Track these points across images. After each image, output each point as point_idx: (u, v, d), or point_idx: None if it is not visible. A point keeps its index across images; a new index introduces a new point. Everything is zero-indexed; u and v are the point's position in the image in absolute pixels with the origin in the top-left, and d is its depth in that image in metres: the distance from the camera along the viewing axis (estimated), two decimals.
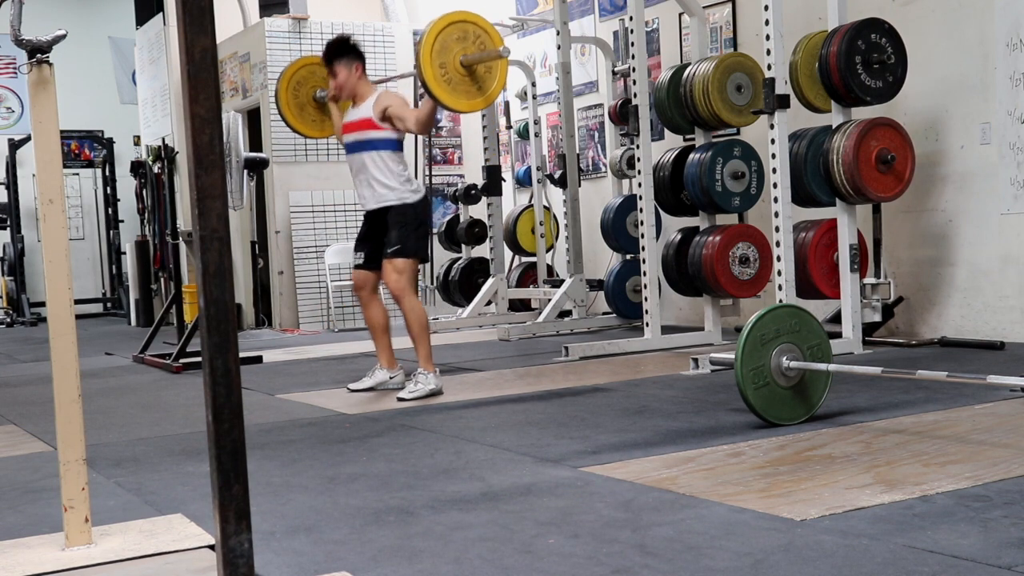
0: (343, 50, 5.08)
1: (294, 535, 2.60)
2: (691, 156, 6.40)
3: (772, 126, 5.46)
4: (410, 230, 5.00)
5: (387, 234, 5.00)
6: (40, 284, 12.09)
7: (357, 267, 5.22)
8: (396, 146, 5.07)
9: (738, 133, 7.01)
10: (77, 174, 14.36)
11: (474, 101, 4.92)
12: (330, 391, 5.31)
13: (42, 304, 12.03)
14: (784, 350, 3.67)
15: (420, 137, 9.81)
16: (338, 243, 9.60)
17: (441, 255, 9.64)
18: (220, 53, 10.21)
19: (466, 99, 4.84)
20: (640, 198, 6.38)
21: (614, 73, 7.88)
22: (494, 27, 5.00)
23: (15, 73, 14.35)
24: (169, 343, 7.71)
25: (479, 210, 9.09)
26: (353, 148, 5.09)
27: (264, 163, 7.50)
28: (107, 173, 13.95)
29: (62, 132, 5.23)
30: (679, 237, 6.64)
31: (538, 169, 8.63)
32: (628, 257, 7.65)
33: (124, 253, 13.28)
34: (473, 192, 8.92)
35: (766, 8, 5.41)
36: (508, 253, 8.93)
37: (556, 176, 8.22)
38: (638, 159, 6.38)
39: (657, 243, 6.60)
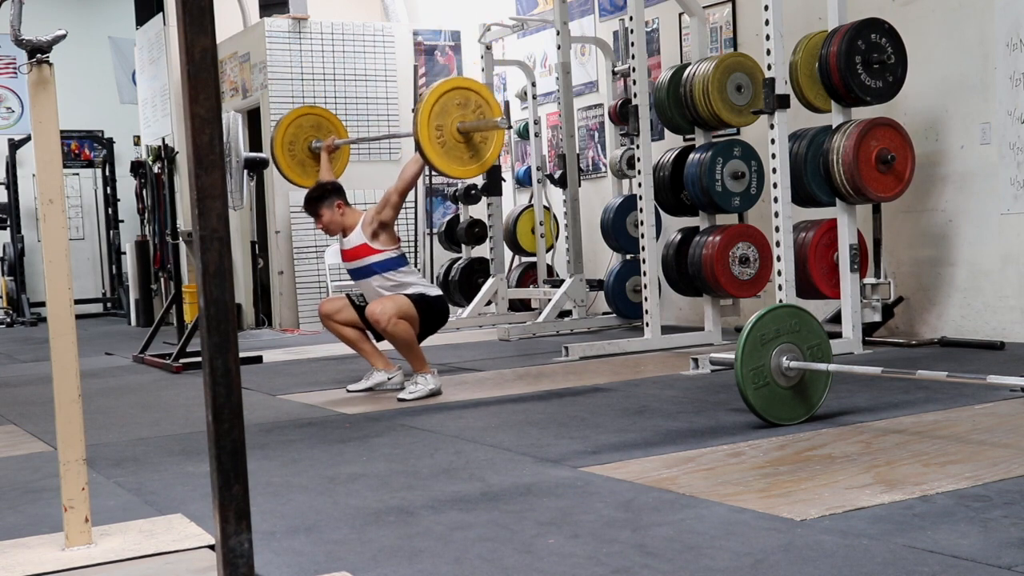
0: (320, 196, 5.15)
1: (294, 535, 2.60)
2: (691, 156, 6.40)
3: (772, 126, 5.46)
4: (426, 303, 4.99)
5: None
6: (40, 284, 12.10)
7: (350, 299, 5.19)
8: (400, 262, 5.09)
9: (738, 133, 7.01)
10: (77, 174, 14.36)
11: (467, 168, 4.95)
12: (330, 391, 5.31)
13: (42, 304, 12.03)
14: (784, 350, 3.67)
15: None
16: (338, 243, 9.59)
17: (441, 255, 9.64)
18: (220, 53, 10.21)
19: (459, 165, 4.86)
20: (640, 198, 6.38)
21: (614, 73, 7.88)
22: (496, 99, 5.05)
23: (15, 73, 14.35)
24: (169, 343, 7.71)
25: (479, 210, 9.09)
26: (358, 275, 5.13)
27: (264, 163, 7.49)
28: (107, 173, 13.95)
29: (62, 132, 5.24)
30: (679, 237, 6.64)
31: (538, 169, 8.64)
32: (628, 257, 7.65)
33: (124, 253, 13.28)
34: (473, 192, 8.92)
35: (766, 8, 5.41)
36: (508, 253, 8.93)
37: (556, 176, 8.22)
38: (638, 159, 6.38)
39: (657, 243, 6.60)
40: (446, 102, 4.79)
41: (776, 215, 5.48)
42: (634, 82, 6.40)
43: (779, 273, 5.49)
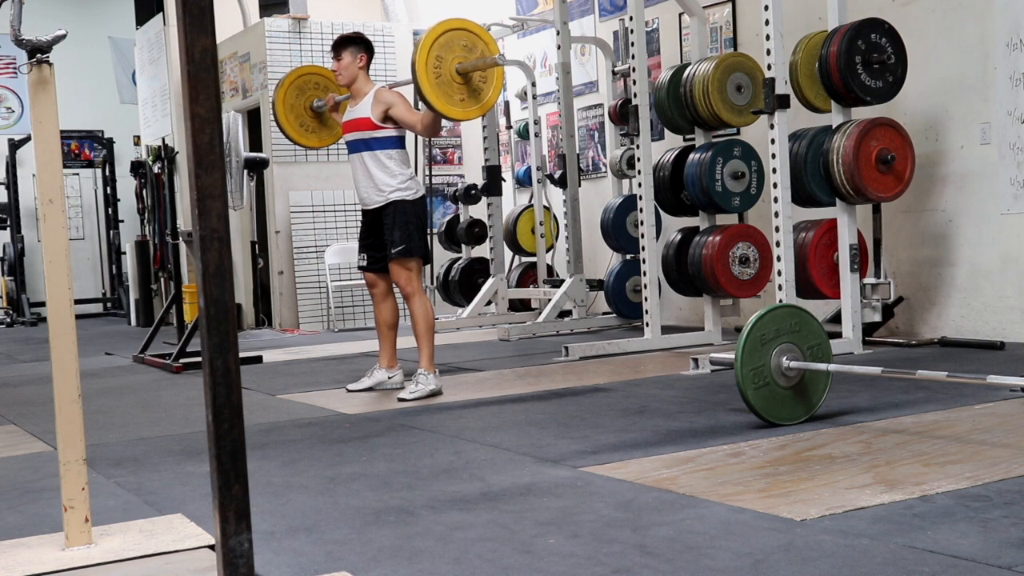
0: (350, 40, 5.13)
1: (294, 535, 2.60)
2: (691, 156, 6.40)
3: (772, 126, 5.46)
4: (412, 228, 5.00)
5: (388, 233, 5.00)
6: (40, 284, 12.09)
7: (362, 268, 5.24)
8: (397, 144, 5.06)
9: (738, 133, 7.01)
10: (77, 174, 14.36)
11: (469, 110, 4.91)
12: (330, 391, 5.31)
13: (42, 304, 12.03)
14: (784, 350, 3.67)
15: (420, 137, 9.81)
16: (338, 243, 9.60)
17: (441, 255, 9.63)
18: (220, 53, 10.21)
19: (460, 108, 4.82)
20: (640, 198, 6.38)
21: (614, 73, 7.88)
22: (491, 35, 5.00)
23: (15, 73, 14.35)
24: (169, 343, 7.71)
25: (479, 210, 9.09)
26: (353, 148, 5.10)
27: (264, 163, 7.50)
28: (107, 173, 13.95)
29: (62, 132, 5.24)
30: (679, 237, 6.64)
31: (538, 169, 8.63)
32: (628, 257, 7.65)
33: (124, 253, 13.28)
34: (473, 192, 8.92)
35: (766, 8, 5.41)
36: (508, 253, 8.93)
37: (556, 176, 8.22)
38: (638, 159, 6.38)
39: (657, 243, 6.60)
40: (441, 45, 4.74)
41: (776, 215, 5.48)
42: (634, 82, 6.40)
43: (779, 273, 5.49)
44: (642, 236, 6.38)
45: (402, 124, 5.00)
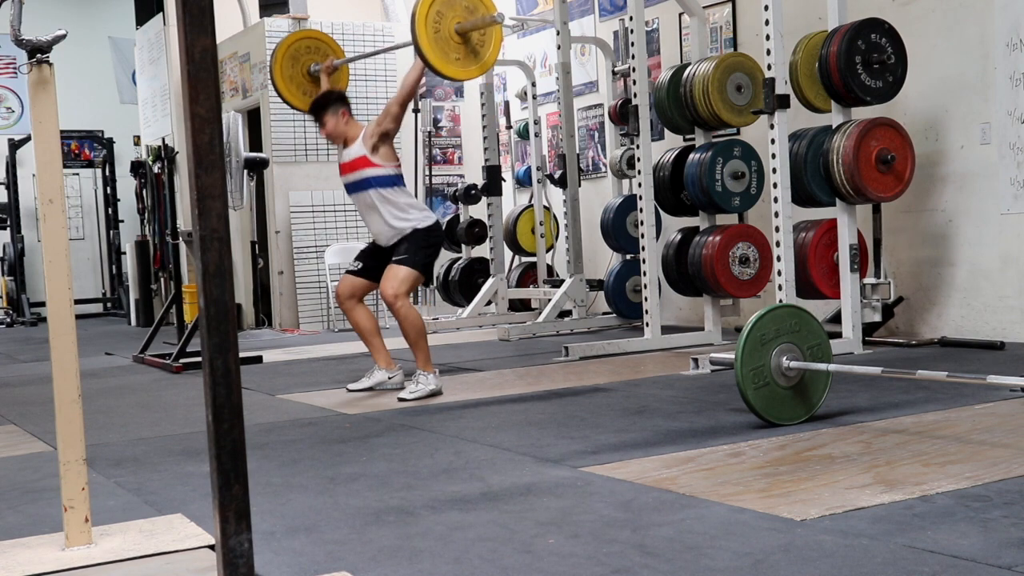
0: (326, 103, 5.13)
1: (294, 535, 2.60)
2: (691, 156, 6.40)
3: (772, 126, 5.46)
4: (419, 246, 4.99)
5: (395, 249, 5.01)
6: (40, 284, 12.08)
7: (350, 272, 5.20)
8: (397, 181, 5.07)
9: (738, 133, 7.01)
10: (77, 174, 14.36)
11: (469, 69, 4.86)
12: (330, 391, 5.31)
13: (42, 304, 12.03)
14: (784, 350, 3.67)
15: (420, 137, 9.81)
16: (338, 243, 9.60)
17: (441, 255, 9.60)
18: (220, 53, 10.21)
19: (456, 66, 4.77)
20: (640, 198, 6.38)
21: (614, 73, 7.88)
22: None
23: (15, 73, 14.34)
24: (169, 343, 7.71)
25: (479, 210, 9.09)
26: (354, 188, 5.10)
27: (264, 163, 7.51)
28: (107, 173, 13.95)
29: (62, 132, 5.23)
30: (679, 237, 6.64)
31: (538, 169, 8.63)
32: (628, 257, 7.65)
33: (124, 253, 13.28)
34: (473, 192, 8.92)
35: (766, 8, 5.41)
36: (508, 253, 8.93)
37: (556, 176, 8.22)
38: (638, 159, 6.38)
39: (657, 243, 6.60)
40: (440, 4, 4.70)
41: (776, 215, 5.48)
42: (634, 82, 6.40)
43: (779, 273, 5.49)
44: (642, 236, 6.38)
45: (397, 104, 4.96)
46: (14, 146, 13.61)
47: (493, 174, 8.56)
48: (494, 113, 8.64)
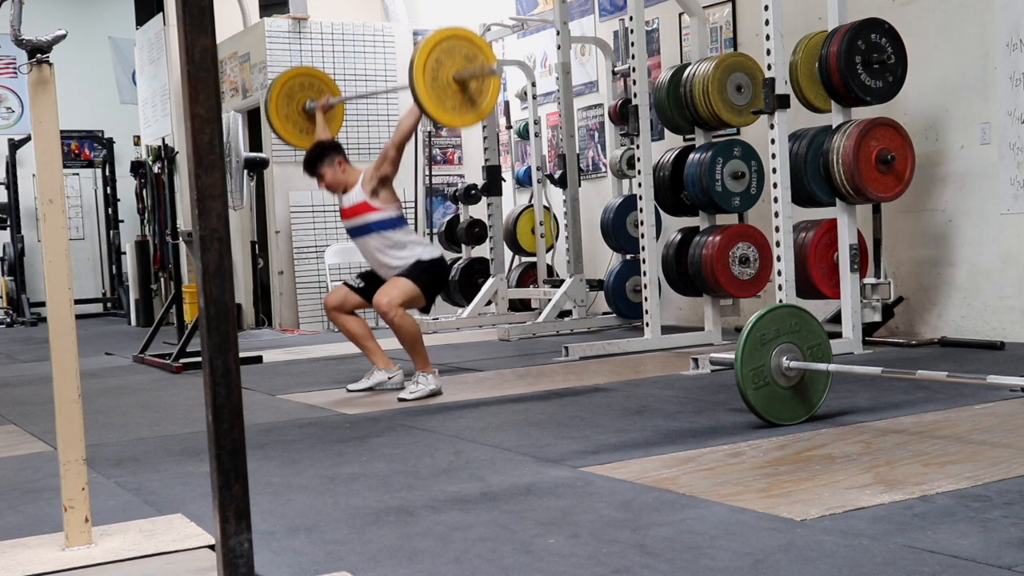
0: (321, 155, 5.11)
1: (294, 535, 2.60)
2: (691, 156, 6.40)
3: (772, 126, 5.46)
4: (422, 270, 5.00)
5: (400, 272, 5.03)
6: (40, 284, 12.08)
7: (349, 286, 5.19)
8: (399, 223, 5.06)
9: (738, 133, 7.01)
10: (77, 174, 14.36)
11: (465, 117, 4.89)
12: (330, 391, 5.31)
13: (42, 304, 12.03)
14: (784, 350, 3.67)
15: (420, 137, 9.81)
16: (338, 243, 9.60)
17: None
18: (220, 53, 10.21)
19: (452, 114, 4.80)
20: (640, 198, 6.38)
21: (614, 73, 7.88)
22: (492, 51, 5.01)
23: (15, 73, 14.35)
24: (169, 343, 7.71)
25: (479, 210, 9.09)
26: (356, 232, 5.10)
27: (264, 163, 7.51)
28: (107, 173, 13.95)
29: (62, 132, 5.24)
30: (679, 237, 6.64)
31: (538, 169, 8.63)
32: (628, 257, 7.65)
33: (124, 253, 13.28)
34: (473, 192, 8.92)
35: (766, 8, 5.41)
36: (508, 253, 8.93)
37: (556, 176, 8.22)
38: (638, 159, 6.38)
39: (657, 243, 6.60)
40: (440, 52, 4.73)
41: (776, 215, 5.48)
42: (634, 82, 6.40)
43: (779, 273, 5.49)
44: (642, 236, 6.38)
45: (394, 148, 4.97)
46: (14, 146, 13.61)
47: (493, 174, 8.56)
48: (494, 113, 8.63)
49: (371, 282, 5.16)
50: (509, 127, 9.41)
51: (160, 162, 11.45)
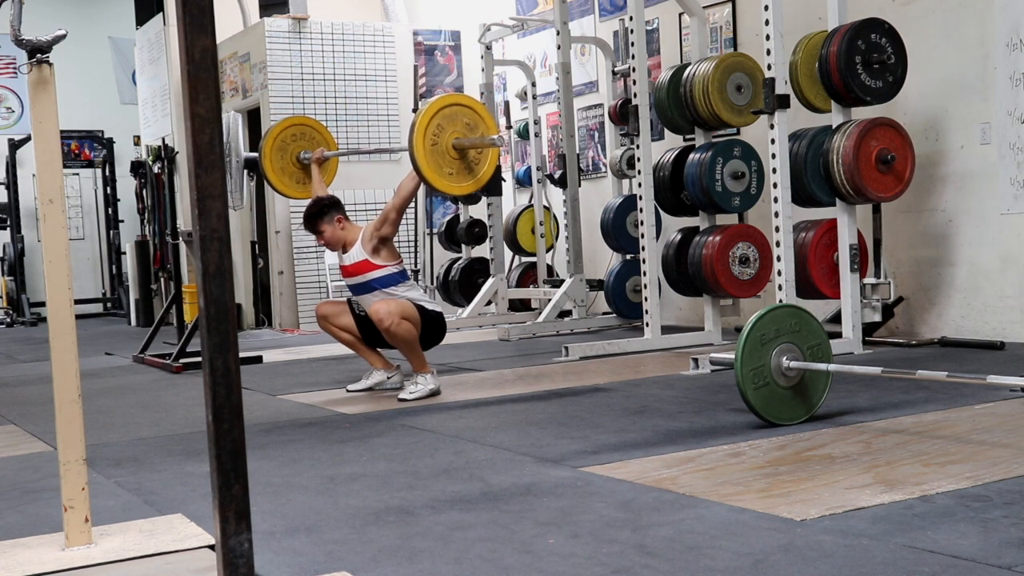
0: (320, 212, 5.10)
1: (294, 535, 2.60)
2: (691, 156, 6.40)
3: (772, 126, 5.46)
4: (424, 313, 4.98)
5: None
6: (40, 284, 12.10)
7: (351, 308, 5.18)
8: (401, 278, 5.04)
9: (738, 133, 7.01)
10: (77, 174, 14.36)
11: (462, 184, 4.91)
12: (330, 391, 5.31)
13: (42, 304, 12.03)
14: (784, 350, 3.67)
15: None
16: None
17: (441, 255, 9.63)
18: (220, 53, 10.21)
19: (448, 180, 4.81)
20: (640, 198, 6.38)
21: (614, 73, 7.88)
22: (491, 116, 5.02)
23: (15, 73, 14.35)
24: (169, 343, 7.71)
25: (479, 210, 9.09)
26: (358, 290, 5.09)
27: None
28: (107, 173, 13.96)
29: (62, 132, 5.24)
30: (679, 237, 6.64)
31: (538, 169, 8.63)
32: (628, 257, 7.65)
33: (124, 253, 13.28)
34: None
35: (766, 8, 5.41)
36: (508, 253, 8.93)
37: (556, 176, 8.22)
38: (638, 159, 6.38)
39: (657, 243, 6.60)
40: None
41: (776, 215, 5.48)
42: (634, 82, 6.40)
43: (779, 273, 5.49)
44: (642, 236, 6.38)
45: (395, 211, 4.96)
46: (14, 146, 13.61)
47: (493, 174, 8.55)
48: (494, 113, 8.63)
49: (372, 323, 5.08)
50: (509, 127, 9.40)
51: (160, 162, 11.45)
